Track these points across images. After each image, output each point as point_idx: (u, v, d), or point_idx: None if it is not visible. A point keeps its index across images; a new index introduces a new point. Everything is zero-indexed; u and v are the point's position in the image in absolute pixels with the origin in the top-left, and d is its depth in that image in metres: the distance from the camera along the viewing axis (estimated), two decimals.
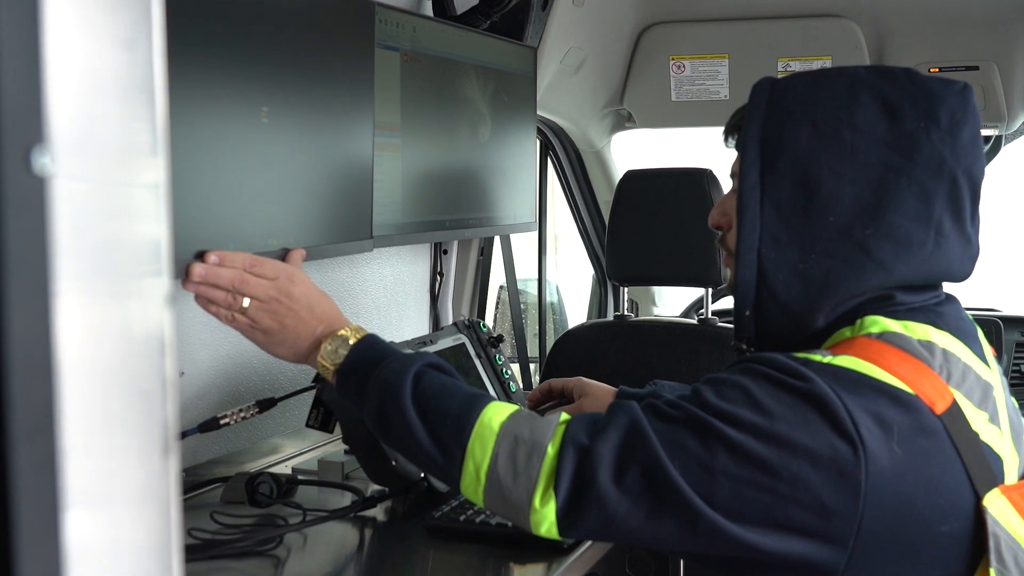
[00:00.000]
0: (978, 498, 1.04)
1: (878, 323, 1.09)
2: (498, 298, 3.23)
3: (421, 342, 1.76)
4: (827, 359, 1.06)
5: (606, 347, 2.29)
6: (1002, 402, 1.12)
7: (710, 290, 2.27)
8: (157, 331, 0.51)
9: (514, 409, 1.13)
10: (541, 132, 3.01)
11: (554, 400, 1.96)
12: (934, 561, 1.04)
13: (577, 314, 3.64)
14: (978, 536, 1.04)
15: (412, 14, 1.84)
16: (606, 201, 3.12)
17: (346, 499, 1.61)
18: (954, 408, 1.05)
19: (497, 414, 1.11)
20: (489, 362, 1.91)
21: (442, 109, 1.94)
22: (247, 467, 1.78)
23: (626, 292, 2.41)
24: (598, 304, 3.45)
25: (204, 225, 1.30)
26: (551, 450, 1.07)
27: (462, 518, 1.45)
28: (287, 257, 1.34)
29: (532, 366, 2.97)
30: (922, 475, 1.02)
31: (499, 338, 1.96)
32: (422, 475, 1.55)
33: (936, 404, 1.04)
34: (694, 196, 2.19)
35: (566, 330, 2.47)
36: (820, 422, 1.00)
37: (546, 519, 1.07)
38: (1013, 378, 2.85)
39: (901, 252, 1.09)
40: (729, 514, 1.01)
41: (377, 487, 1.62)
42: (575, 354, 2.31)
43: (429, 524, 1.46)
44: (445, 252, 2.40)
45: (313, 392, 1.64)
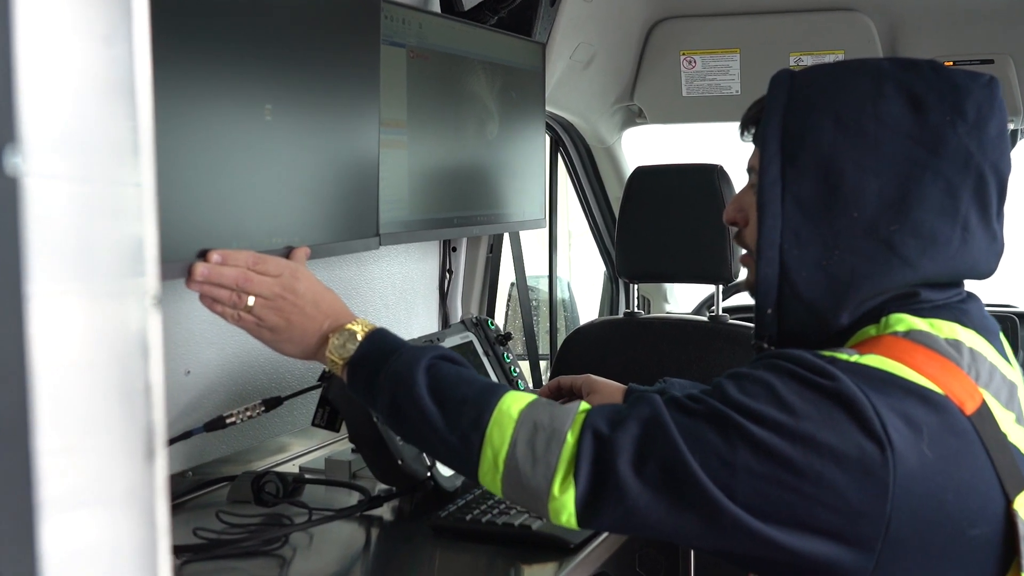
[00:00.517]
0: (1008, 500, 1.01)
1: (904, 321, 1.06)
2: (509, 295, 3.22)
3: (428, 340, 1.75)
4: (854, 358, 1.03)
5: (616, 344, 2.27)
6: None
7: (720, 287, 2.25)
8: (139, 334, 0.50)
9: (533, 397, 1.12)
10: (551, 128, 2.99)
11: (563, 398, 1.95)
12: (963, 566, 1.02)
13: (591, 311, 3.63)
14: (1008, 539, 1.02)
15: (419, 10, 1.83)
16: (617, 197, 3.09)
17: (353, 498, 1.60)
18: (983, 408, 1.02)
19: (516, 401, 1.10)
20: (497, 360, 1.90)
21: (449, 106, 1.93)
22: (254, 466, 1.77)
23: (636, 289, 2.40)
24: (610, 301, 3.43)
25: (207, 223, 1.29)
26: (570, 437, 1.05)
27: (468, 517, 1.44)
28: (291, 254, 1.33)
29: (543, 364, 2.96)
30: (952, 477, 0.99)
31: (507, 336, 1.95)
32: (428, 474, 1.54)
33: (966, 404, 1.02)
34: (704, 192, 2.17)
35: (576, 327, 2.46)
36: (847, 422, 0.98)
37: (565, 508, 1.04)
38: None
39: (927, 249, 1.07)
40: (751, 510, 0.98)
41: (384, 486, 1.62)
42: (585, 351, 2.30)
43: (435, 524, 1.45)
44: (454, 249, 2.39)
45: (319, 391, 1.63)
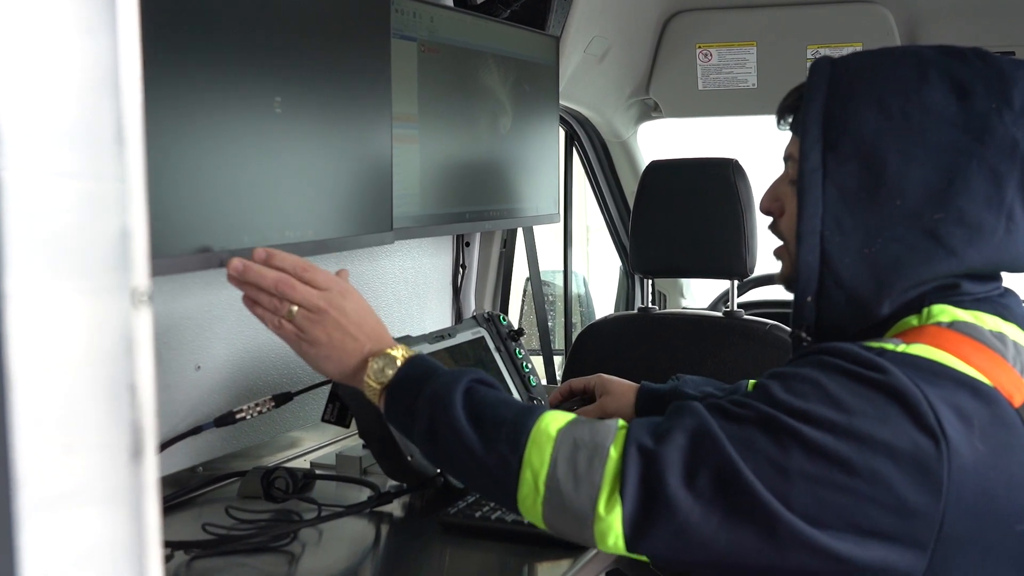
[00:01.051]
0: None
1: (947, 312, 1.05)
2: (524, 291, 3.21)
3: (440, 336, 1.75)
4: (900, 347, 1.01)
5: (630, 340, 2.26)
6: None
7: (736, 282, 2.23)
8: (123, 331, 0.49)
9: (572, 416, 1.08)
10: (566, 122, 2.98)
11: (575, 399, 1.94)
12: (1012, 563, 1.00)
13: (608, 307, 3.61)
14: None
15: (429, 3, 1.82)
16: (632, 192, 3.08)
17: (363, 494, 1.60)
18: None
19: (554, 420, 1.06)
20: (509, 356, 1.89)
21: (461, 100, 1.91)
22: (265, 461, 1.77)
23: (650, 284, 2.38)
24: (625, 296, 3.42)
25: (216, 217, 1.29)
26: (614, 452, 1.01)
27: (478, 514, 1.43)
28: (337, 273, 1.26)
29: (558, 359, 2.95)
30: (1003, 471, 0.97)
31: (519, 331, 1.93)
32: (438, 471, 1.53)
33: (1014, 397, 1.00)
34: (719, 187, 2.16)
35: (589, 323, 2.44)
36: (900, 416, 0.95)
37: (612, 529, 1.00)
38: None
39: (972, 239, 1.05)
40: (807, 518, 0.95)
41: (394, 482, 1.61)
42: (599, 347, 2.29)
43: (445, 521, 1.45)
44: (467, 244, 2.38)
45: (330, 386, 1.63)
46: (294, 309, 1.14)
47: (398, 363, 1.15)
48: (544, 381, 2.68)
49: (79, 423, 0.46)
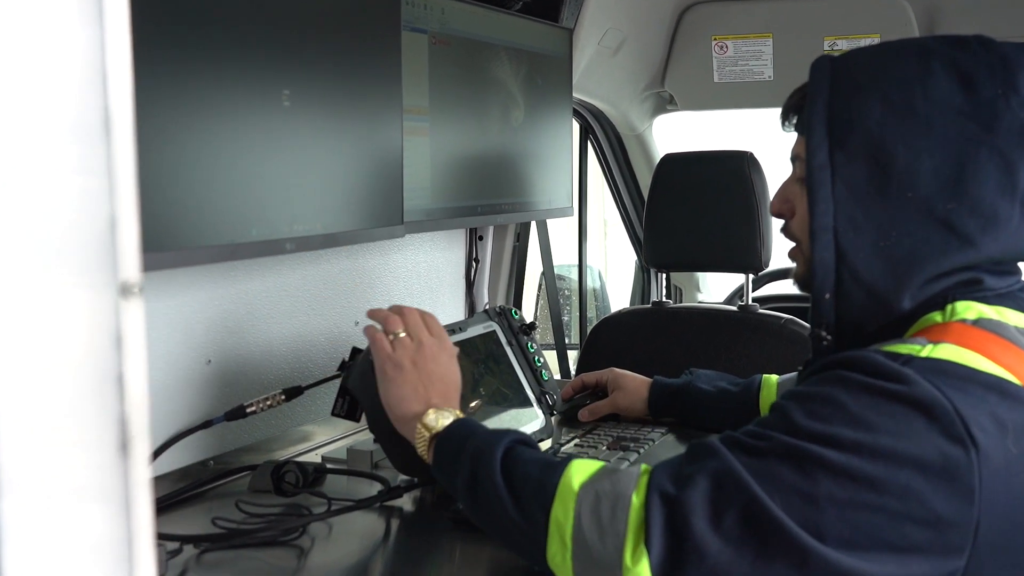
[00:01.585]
0: None
1: (972, 308, 1.03)
2: (539, 285, 3.21)
3: (451, 330, 1.74)
4: (926, 351, 0.99)
5: (644, 334, 2.25)
6: None
7: (750, 276, 2.21)
8: (108, 325, 0.48)
9: (597, 467, 1.07)
10: (580, 115, 2.96)
11: (587, 392, 1.93)
12: None
13: (626, 301, 3.60)
14: None
15: None
16: (647, 186, 3.06)
17: (374, 488, 1.59)
18: None
19: (578, 473, 1.05)
20: (521, 350, 1.88)
21: (472, 92, 1.91)
22: (277, 455, 1.77)
23: (664, 278, 2.37)
24: (641, 290, 3.40)
25: (224, 210, 1.29)
26: (636, 500, 1.00)
27: None
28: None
29: (574, 353, 2.94)
30: None
31: (531, 325, 1.92)
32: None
33: None
34: (734, 180, 2.14)
35: (602, 317, 2.43)
36: (927, 428, 0.93)
37: None
38: None
39: (987, 227, 1.03)
40: (841, 545, 0.93)
41: (404, 477, 1.60)
42: (613, 341, 2.28)
43: (455, 516, 1.44)
44: (480, 238, 2.38)
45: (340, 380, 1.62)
46: (400, 333, 1.31)
47: (450, 419, 1.24)
48: (558, 375, 2.67)
49: (63, 416, 0.46)
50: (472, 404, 1.69)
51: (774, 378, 1.71)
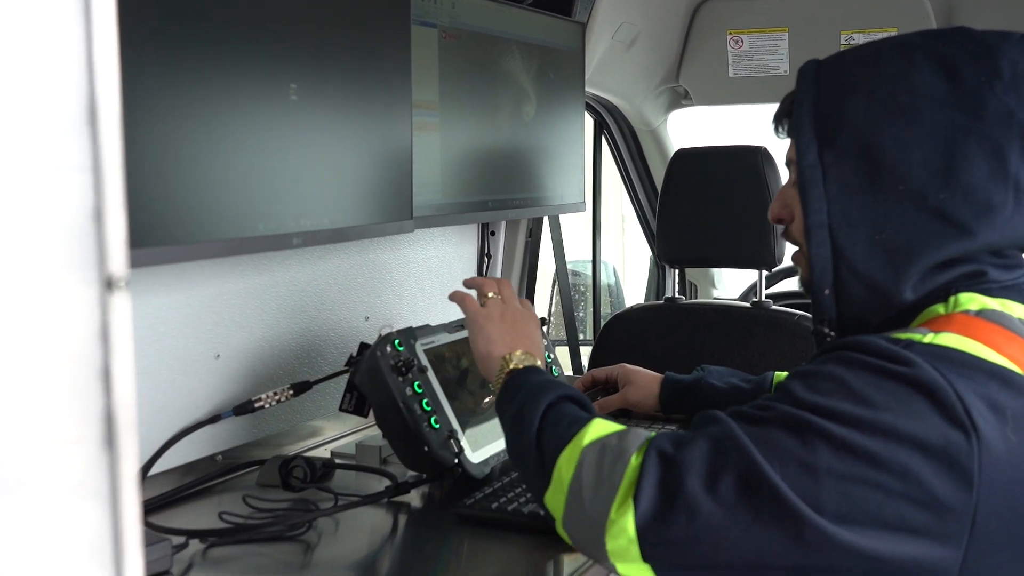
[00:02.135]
0: None
1: (975, 300, 1.03)
2: (554, 280, 3.19)
3: (459, 325, 1.73)
4: (928, 338, 0.99)
5: (656, 330, 2.23)
6: None
7: (764, 272, 2.19)
8: (92, 320, 0.48)
9: (615, 428, 1.10)
10: (595, 110, 2.95)
11: (597, 388, 1.92)
12: None
13: (641, 297, 3.59)
14: None
15: None
16: (662, 181, 3.05)
17: (383, 484, 1.59)
18: None
19: (593, 431, 1.09)
20: None
21: (483, 87, 1.90)
22: (286, 450, 1.77)
23: (684, 274, 2.35)
24: (656, 286, 3.39)
25: (230, 204, 1.28)
26: (635, 460, 1.02)
27: (494, 506, 1.42)
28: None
29: (586, 349, 2.93)
30: None
31: (542, 321, 1.91)
32: (456, 461, 1.52)
33: None
34: (748, 175, 2.12)
35: (614, 313, 2.42)
36: (929, 410, 0.93)
37: (624, 532, 0.99)
38: None
39: (981, 214, 1.03)
40: (836, 518, 0.93)
41: (412, 473, 1.60)
42: (625, 337, 2.26)
43: (460, 512, 1.43)
44: (493, 234, 2.37)
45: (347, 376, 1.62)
46: (491, 295, 1.40)
47: (529, 363, 1.30)
48: (570, 371, 2.66)
49: (46, 411, 0.45)
50: (485, 401, 1.68)
51: (786, 375, 1.70)
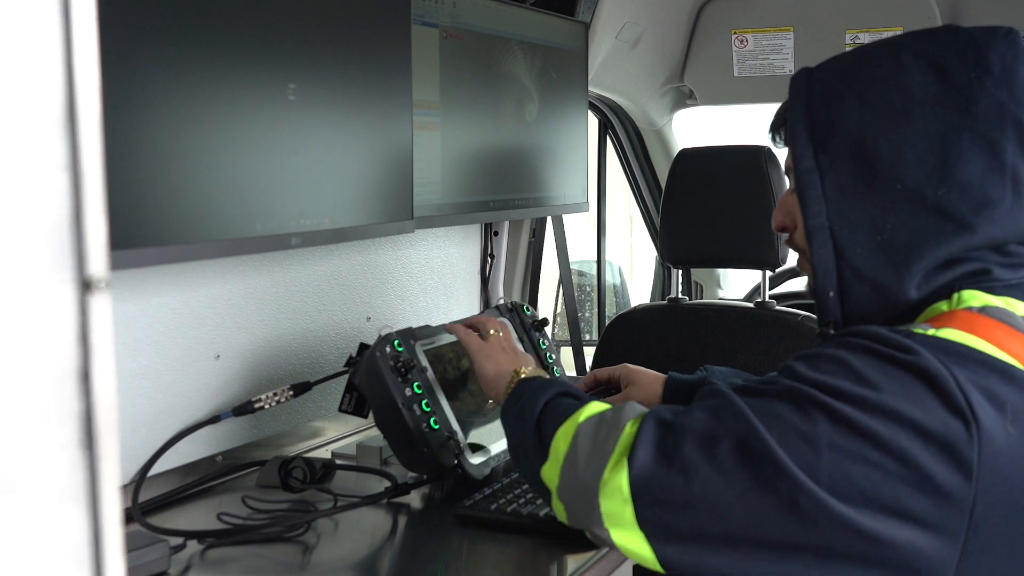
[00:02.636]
0: None
1: (978, 297, 1.03)
2: (559, 281, 3.18)
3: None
4: (930, 332, 0.99)
5: (659, 331, 2.22)
6: None
7: (768, 273, 2.18)
8: (68, 321, 0.47)
9: (610, 407, 1.12)
10: (599, 110, 2.94)
11: (600, 389, 1.91)
12: None
13: (647, 297, 3.58)
14: None
15: None
16: None
17: (383, 485, 1.58)
18: None
19: (589, 409, 1.11)
20: (532, 346, 1.87)
21: (485, 87, 1.89)
22: (287, 451, 1.77)
23: (679, 274, 2.34)
24: (662, 286, 3.38)
25: (228, 204, 1.28)
26: (630, 427, 1.03)
27: (493, 507, 1.41)
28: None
29: (592, 349, 2.92)
30: None
31: (543, 322, 1.91)
32: (456, 462, 1.52)
33: None
34: (751, 175, 2.11)
35: (618, 313, 2.41)
36: (930, 397, 0.93)
37: (618, 491, 0.99)
38: None
39: (980, 208, 1.04)
40: (833, 492, 0.92)
41: (413, 474, 1.59)
42: (628, 338, 2.26)
43: (460, 513, 1.43)
44: (496, 234, 2.36)
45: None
46: (492, 331, 1.48)
47: (544, 376, 1.34)
48: (574, 372, 2.66)
49: (22, 413, 0.45)
50: (490, 402, 1.68)
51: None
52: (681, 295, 2.32)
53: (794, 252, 1.23)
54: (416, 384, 1.52)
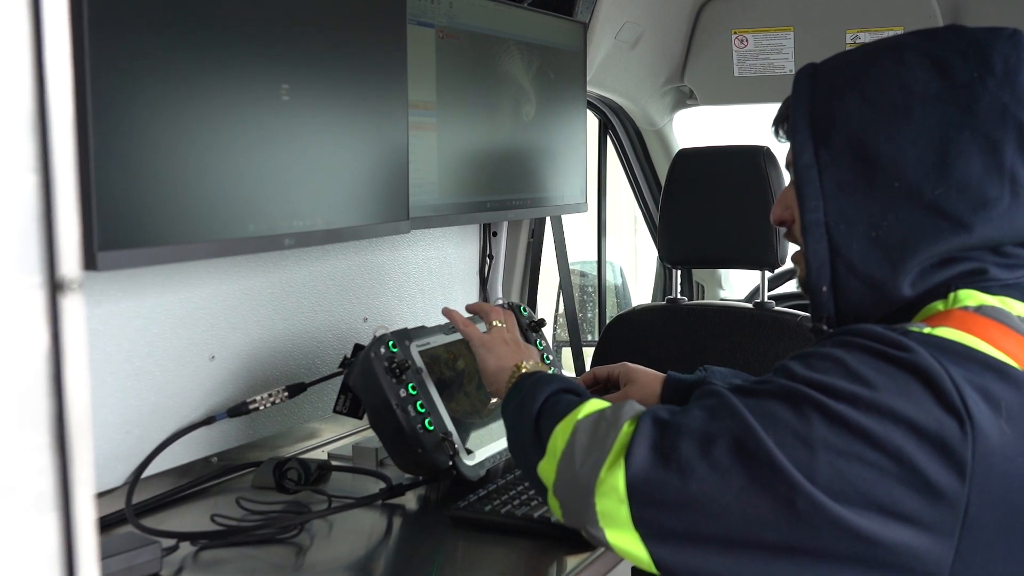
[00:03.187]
0: None
1: (974, 296, 1.03)
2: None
3: None
4: (926, 330, 0.99)
5: (658, 331, 2.22)
6: None
7: (767, 273, 2.17)
8: (33, 327, 0.47)
9: (609, 405, 1.11)
10: (599, 110, 2.94)
11: (598, 387, 1.90)
12: None
13: (649, 297, 3.57)
14: None
15: None
16: None
17: (379, 486, 1.58)
18: None
19: (588, 407, 1.11)
20: None
21: (482, 87, 1.89)
22: (283, 452, 1.76)
23: (678, 275, 2.33)
24: (663, 287, 3.37)
25: (220, 205, 1.27)
26: (627, 427, 1.02)
27: (488, 508, 1.41)
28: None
29: (591, 349, 2.91)
30: None
31: (540, 322, 1.90)
32: (451, 463, 1.51)
33: None
34: (750, 175, 2.10)
35: (617, 314, 2.40)
36: (924, 395, 0.93)
37: (615, 491, 0.99)
38: None
39: (978, 208, 1.03)
40: (829, 492, 0.92)
41: (408, 475, 1.59)
42: (627, 338, 2.25)
43: (454, 514, 1.42)
44: (495, 234, 2.36)
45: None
46: (497, 324, 1.47)
47: (546, 371, 1.32)
48: (573, 373, 2.65)
49: None
50: (492, 402, 1.68)
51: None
52: (681, 295, 2.31)
53: (793, 246, 1.23)
54: (411, 385, 1.52)
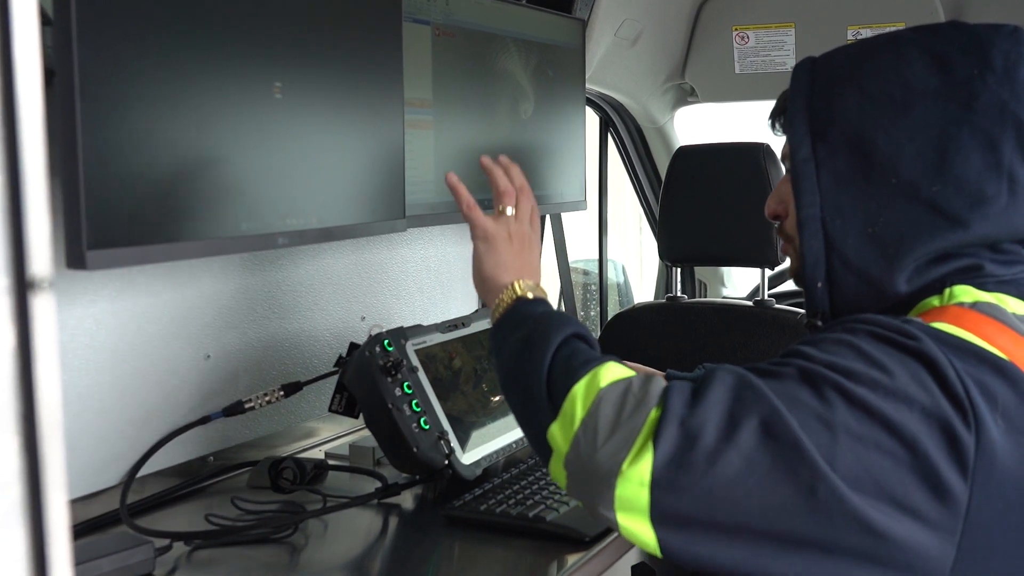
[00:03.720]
0: None
1: (969, 293, 1.02)
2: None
3: (453, 324, 1.71)
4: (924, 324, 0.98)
5: (658, 329, 2.21)
6: None
7: (767, 271, 2.17)
8: (10, 319, 0.46)
9: (631, 373, 1.02)
10: (600, 108, 2.92)
11: None
12: None
13: (652, 295, 3.56)
14: None
15: None
16: None
17: (375, 486, 1.57)
18: None
19: (609, 372, 1.00)
20: None
21: (479, 84, 1.88)
22: (280, 451, 1.76)
23: (681, 272, 2.33)
24: (665, 285, 3.36)
25: (212, 203, 1.27)
26: (654, 413, 0.94)
27: (483, 508, 1.40)
28: None
29: None
30: None
31: None
32: (446, 462, 1.51)
33: None
34: (750, 172, 2.10)
35: (616, 313, 2.40)
36: (933, 384, 0.92)
37: (639, 475, 0.92)
38: None
39: (975, 205, 1.03)
40: (848, 479, 0.90)
41: (404, 475, 1.58)
42: (627, 336, 2.24)
43: (450, 514, 1.42)
44: None
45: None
46: (508, 210, 1.29)
47: (544, 296, 1.21)
48: None
49: None
50: (495, 399, 1.67)
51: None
52: (681, 293, 2.30)
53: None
54: (406, 384, 1.51)
